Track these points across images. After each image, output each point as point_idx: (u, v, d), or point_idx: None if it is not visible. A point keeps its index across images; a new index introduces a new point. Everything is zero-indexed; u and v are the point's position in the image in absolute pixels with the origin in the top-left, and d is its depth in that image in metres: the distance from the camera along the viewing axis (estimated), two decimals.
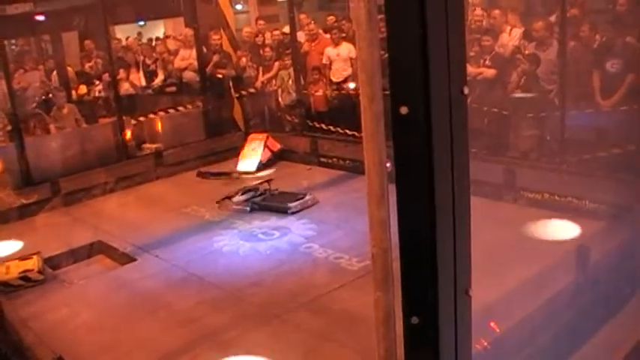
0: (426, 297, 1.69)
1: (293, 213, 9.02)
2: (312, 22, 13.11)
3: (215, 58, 13.07)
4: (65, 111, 11.96)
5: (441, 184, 1.62)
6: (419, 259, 1.67)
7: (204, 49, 13.20)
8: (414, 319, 1.71)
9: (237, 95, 13.34)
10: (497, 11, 10.50)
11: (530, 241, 7.26)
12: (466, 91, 1.64)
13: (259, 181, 10.20)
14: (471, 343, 1.85)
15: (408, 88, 1.54)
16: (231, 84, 13.30)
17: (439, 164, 1.59)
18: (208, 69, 13.01)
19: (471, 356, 1.86)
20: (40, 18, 14.29)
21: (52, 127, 11.81)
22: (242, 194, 9.69)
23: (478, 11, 10.85)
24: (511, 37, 10.07)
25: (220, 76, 13.11)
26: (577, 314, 5.86)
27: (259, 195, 9.72)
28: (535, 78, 9.32)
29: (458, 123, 1.62)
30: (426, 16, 1.48)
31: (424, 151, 1.57)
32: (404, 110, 1.55)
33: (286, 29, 13.33)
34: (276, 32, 13.62)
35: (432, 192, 1.60)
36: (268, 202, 9.46)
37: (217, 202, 9.68)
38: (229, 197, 9.67)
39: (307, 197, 9.31)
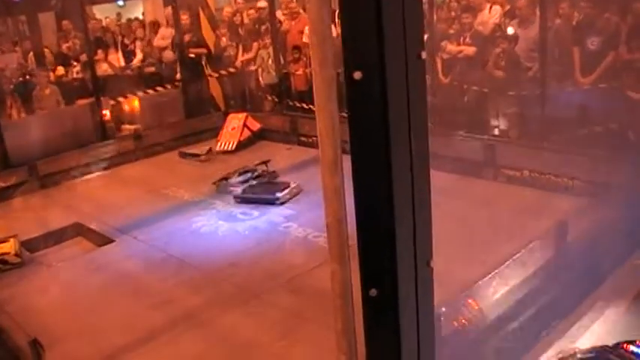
0: (384, 268, 1.64)
1: (282, 203, 8.74)
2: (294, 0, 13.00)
3: (186, 37, 12.96)
4: (47, 92, 11.83)
5: (398, 152, 1.56)
6: (376, 230, 1.62)
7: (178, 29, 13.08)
8: (373, 292, 1.66)
9: (216, 75, 13.24)
10: None
11: (508, 217, 7.25)
12: (424, 55, 1.58)
13: (257, 162, 9.93)
14: (433, 316, 1.81)
15: (362, 51, 1.48)
16: (204, 63, 13.17)
17: (395, 132, 1.54)
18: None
19: (434, 328, 1.82)
20: None
21: (22, 109, 11.67)
22: (239, 175, 9.51)
23: None
24: (491, 15, 10.02)
25: (193, 55, 12.99)
26: (558, 291, 5.86)
27: (256, 177, 9.53)
28: (515, 56, 9.29)
29: (415, 89, 1.57)
30: None
31: (379, 119, 1.52)
32: (357, 75, 1.49)
33: (261, 4, 13.25)
34: (251, 10, 13.50)
35: (389, 161, 1.55)
36: (254, 193, 9.05)
37: (214, 183, 9.54)
38: (226, 178, 9.51)
39: (293, 185, 8.99)
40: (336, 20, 1.54)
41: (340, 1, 1.45)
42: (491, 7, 9.99)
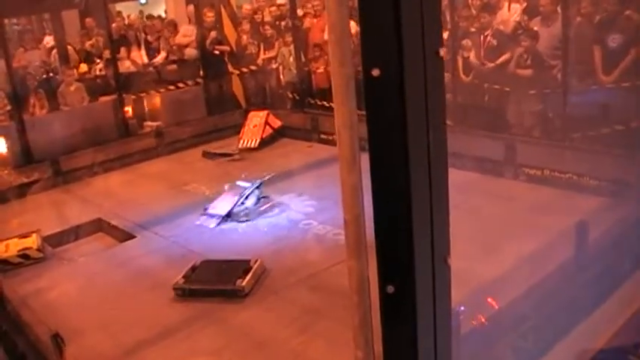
0: (401, 265, 1.65)
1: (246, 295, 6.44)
2: None
3: (212, 34, 13.02)
4: (73, 88, 11.92)
5: (416, 149, 1.57)
6: (394, 227, 1.62)
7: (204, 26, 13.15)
8: (390, 288, 1.67)
9: (237, 72, 13.29)
10: None
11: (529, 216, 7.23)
12: (442, 52, 1.59)
13: (250, 187, 8.65)
14: (450, 313, 1.82)
15: (380, 49, 1.49)
16: (226, 60, 13.23)
17: (413, 128, 1.54)
18: (207, 45, 12.98)
19: (450, 325, 1.82)
20: None
21: (45, 105, 11.77)
22: (226, 195, 8.69)
23: None
24: (510, 13, 9.92)
25: (217, 52, 13.05)
26: (577, 290, 5.83)
27: (243, 201, 8.42)
28: (537, 54, 9.22)
29: (433, 86, 1.57)
30: None
31: (397, 116, 1.52)
32: (376, 72, 1.50)
33: (281, 0, 13.29)
34: (273, 8, 13.54)
35: (407, 157, 1.55)
36: (205, 283, 6.64)
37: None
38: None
39: (255, 264, 6.73)
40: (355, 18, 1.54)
41: (359, 1, 1.46)
42: (510, 5, 9.88)
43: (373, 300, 1.76)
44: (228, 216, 8.28)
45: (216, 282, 6.61)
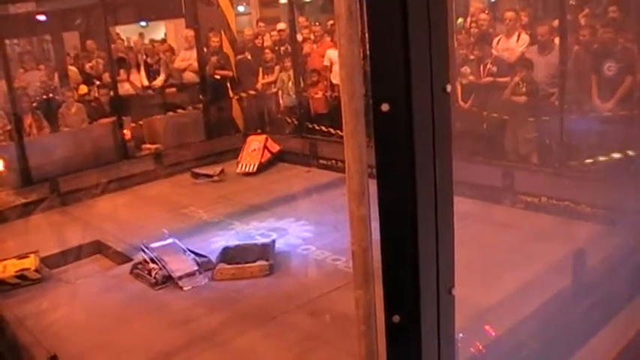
0: (407, 295, 1.68)
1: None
2: (318, 24, 13.16)
3: (213, 59, 13.10)
4: (73, 110, 11.98)
5: (423, 181, 1.61)
6: (400, 257, 1.66)
7: (205, 50, 13.24)
8: (396, 318, 1.70)
9: (237, 97, 13.37)
10: (510, 13, 10.17)
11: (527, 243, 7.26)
12: (449, 88, 1.64)
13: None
14: (455, 343, 1.85)
15: (389, 85, 1.54)
16: (229, 85, 13.31)
17: (421, 162, 1.59)
18: (207, 70, 13.05)
19: (455, 356, 1.86)
20: (42, 18, 14.29)
21: (43, 126, 11.81)
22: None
23: (483, 15, 10.85)
24: (519, 44, 9.93)
25: (219, 77, 13.13)
26: (574, 318, 5.84)
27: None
28: (534, 82, 9.31)
29: (440, 121, 1.62)
30: (408, 12, 1.48)
31: (406, 149, 1.57)
32: (385, 107, 1.54)
33: (280, 26, 13.41)
34: (274, 33, 13.67)
35: (414, 190, 1.60)
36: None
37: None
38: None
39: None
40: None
41: (370, 36, 1.51)
42: (519, 35, 9.92)
43: (379, 328, 1.79)
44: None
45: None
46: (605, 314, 5.67)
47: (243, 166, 11.66)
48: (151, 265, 7.48)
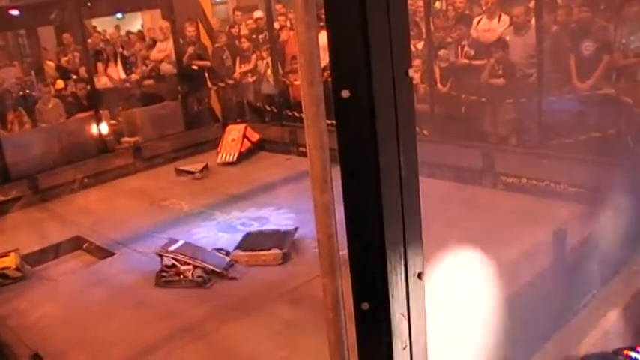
0: (375, 282, 1.66)
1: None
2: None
3: (190, 50, 13.02)
4: (50, 105, 11.88)
5: (387, 167, 1.59)
6: (367, 244, 1.64)
7: (181, 41, 13.14)
8: (365, 305, 1.68)
9: (214, 87, 13.29)
10: None
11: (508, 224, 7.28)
12: (411, 72, 1.61)
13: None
14: (426, 328, 1.83)
15: (349, 70, 1.51)
16: (206, 75, 13.24)
17: (384, 147, 1.57)
18: (184, 60, 12.97)
19: (427, 341, 1.84)
20: (15, 13, 14.11)
21: (28, 122, 11.71)
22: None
23: None
24: (500, 24, 9.89)
25: (196, 67, 13.05)
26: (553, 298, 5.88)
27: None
28: (511, 64, 9.31)
29: (403, 105, 1.60)
30: None
31: (368, 135, 1.55)
32: (345, 94, 1.52)
33: (256, 14, 13.35)
34: (249, 21, 13.61)
35: (378, 176, 1.57)
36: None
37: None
38: None
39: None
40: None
41: (327, 24, 1.48)
42: (500, 17, 9.87)
43: (349, 316, 1.78)
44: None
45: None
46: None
47: (223, 156, 11.62)
48: (183, 268, 7.18)
